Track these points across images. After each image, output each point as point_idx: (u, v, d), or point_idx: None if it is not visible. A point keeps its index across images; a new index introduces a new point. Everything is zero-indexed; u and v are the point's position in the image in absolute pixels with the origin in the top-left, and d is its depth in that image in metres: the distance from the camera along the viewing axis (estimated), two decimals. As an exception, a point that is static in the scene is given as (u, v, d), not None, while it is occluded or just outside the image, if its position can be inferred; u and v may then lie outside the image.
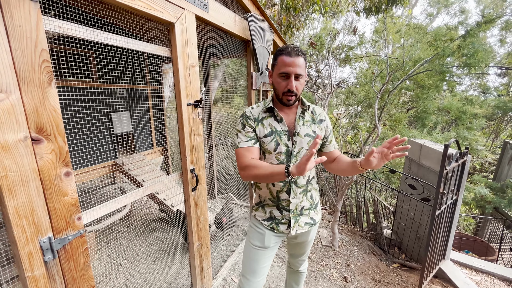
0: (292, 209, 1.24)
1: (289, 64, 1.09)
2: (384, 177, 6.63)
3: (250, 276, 1.30)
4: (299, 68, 1.10)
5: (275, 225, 1.27)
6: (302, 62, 1.11)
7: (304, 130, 1.20)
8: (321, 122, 1.25)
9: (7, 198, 0.75)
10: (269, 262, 1.33)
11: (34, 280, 0.83)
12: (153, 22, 1.36)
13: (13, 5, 0.74)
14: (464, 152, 2.25)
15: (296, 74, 1.10)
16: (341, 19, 7.92)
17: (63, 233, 0.91)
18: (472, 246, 3.98)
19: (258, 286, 1.31)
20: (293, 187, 1.22)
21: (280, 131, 1.18)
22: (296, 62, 1.09)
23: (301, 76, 1.12)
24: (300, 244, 1.40)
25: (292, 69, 1.09)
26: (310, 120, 1.24)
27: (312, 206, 1.30)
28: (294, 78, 1.11)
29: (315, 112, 1.26)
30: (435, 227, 2.14)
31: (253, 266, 1.30)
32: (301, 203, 1.25)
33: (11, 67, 0.74)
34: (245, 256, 1.34)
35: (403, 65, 5.09)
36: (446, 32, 6.05)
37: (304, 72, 1.13)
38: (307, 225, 1.29)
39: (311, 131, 1.21)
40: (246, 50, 2.38)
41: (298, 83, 1.13)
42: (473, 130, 5.76)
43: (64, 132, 0.89)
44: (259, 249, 1.29)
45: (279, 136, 1.18)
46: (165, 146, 4.17)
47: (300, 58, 1.10)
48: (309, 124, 1.22)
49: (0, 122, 0.72)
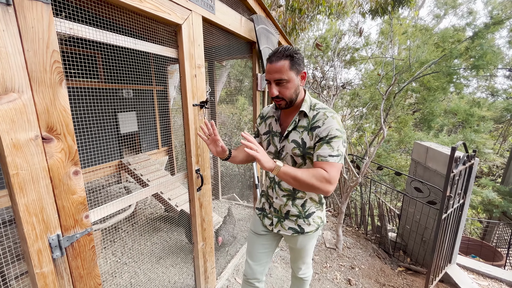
0: (276, 209, 1.29)
1: (268, 70, 1.10)
2: (390, 179, 6.57)
3: (248, 257, 1.45)
4: (278, 73, 1.07)
5: (262, 216, 1.38)
6: (282, 65, 1.06)
7: (292, 136, 1.16)
8: (314, 130, 1.11)
9: (18, 195, 0.76)
10: (264, 250, 1.41)
11: (43, 277, 0.85)
12: (161, 24, 1.38)
13: (26, 7, 0.75)
14: (471, 155, 2.22)
15: (275, 80, 1.08)
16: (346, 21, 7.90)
17: (71, 231, 0.93)
18: (479, 250, 3.91)
19: (256, 271, 1.42)
20: (276, 188, 1.26)
21: (275, 131, 1.24)
22: (274, 68, 1.07)
23: (283, 80, 1.07)
24: (292, 248, 1.41)
25: (270, 76, 1.09)
26: (305, 126, 1.14)
27: (302, 216, 1.25)
28: (275, 84, 1.10)
29: (314, 118, 1.13)
30: (441, 231, 2.12)
31: (249, 248, 1.45)
32: (286, 207, 1.25)
33: (24, 68, 0.76)
34: (247, 239, 1.51)
35: (410, 66, 5.05)
36: (453, 34, 5.98)
37: (287, 75, 1.07)
38: (291, 230, 1.27)
39: (299, 138, 1.14)
40: (252, 51, 2.39)
41: (282, 87, 1.09)
42: (481, 133, 5.67)
43: (74, 131, 0.91)
44: (253, 233, 1.43)
45: (272, 137, 1.25)
46: (170, 146, 4.20)
47: (280, 62, 1.06)
48: (301, 130, 1.15)
49: (12, 122, 0.74)
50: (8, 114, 0.73)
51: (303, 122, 1.15)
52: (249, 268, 1.44)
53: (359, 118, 6.86)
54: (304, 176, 1.02)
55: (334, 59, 4.04)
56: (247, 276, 1.46)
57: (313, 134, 1.11)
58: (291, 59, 1.07)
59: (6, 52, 0.72)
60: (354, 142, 7.19)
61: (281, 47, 1.09)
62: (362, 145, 6.96)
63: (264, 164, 1.00)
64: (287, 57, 1.06)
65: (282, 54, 1.07)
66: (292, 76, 1.08)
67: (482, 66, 5.25)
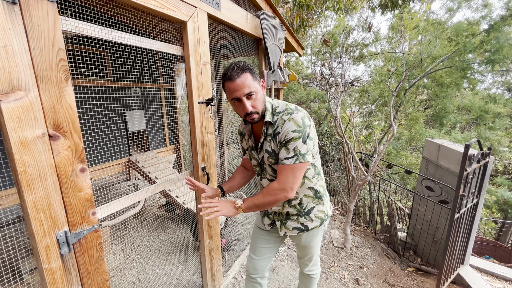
0: (277, 211, 1.30)
1: (234, 89, 1.05)
2: (399, 178, 6.44)
3: (251, 252, 1.47)
4: (246, 88, 1.04)
5: (262, 216, 1.41)
6: (246, 78, 1.04)
7: (265, 145, 1.18)
8: (275, 136, 1.11)
9: (26, 192, 0.78)
10: (267, 245, 1.42)
11: (51, 272, 0.86)
12: (166, 21, 1.37)
13: (32, 6, 0.76)
14: (486, 153, 2.14)
15: (245, 95, 1.05)
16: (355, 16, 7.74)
17: (78, 227, 0.94)
18: (494, 251, 3.79)
19: (258, 265, 1.44)
20: None
21: (251, 145, 1.28)
22: (239, 84, 1.03)
23: (253, 93, 1.06)
24: (298, 246, 1.42)
25: (239, 92, 1.05)
26: (271, 134, 1.14)
27: (302, 213, 1.26)
28: (246, 99, 1.06)
29: (275, 124, 1.13)
30: (453, 231, 2.05)
31: (253, 243, 1.47)
32: (284, 210, 1.28)
33: (30, 66, 0.76)
34: (251, 235, 1.54)
35: (421, 62, 4.90)
36: (467, 27, 5.77)
37: (254, 86, 1.06)
38: (296, 230, 1.28)
39: (269, 147, 1.15)
40: (258, 48, 2.36)
41: (253, 100, 1.07)
42: (496, 130, 5.47)
43: (80, 129, 0.92)
44: (257, 228, 1.47)
45: (250, 151, 1.30)
46: (177, 145, 4.23)
47: (243, 75, 1.04)
48: (269, 139, 1.15)
49: (20, 119, 0.75)
50: (15, 112, 0.74)
51: (269, 131, 1.15)
52: (251, 263, 1.45)
53: (368, 115, 6.74)
54: (261, 200, 1.11)
55: (342, 55, 3.97)
56: (249, 271, 1.47)
57: (276, 141, 1.12)
58: (250, 71, 1.07)
59: (13, 50, 0.72)
60: (363, 140, 7.07)
61: (232, 64, 1.06)
62: (371, 142, 6.84)
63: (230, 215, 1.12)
64: (246, 69, 1.06)
65: (240, 68, 1.05)
66: (257, 86, 1.09)
67: (498, 61, 5.04)
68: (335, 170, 6.49)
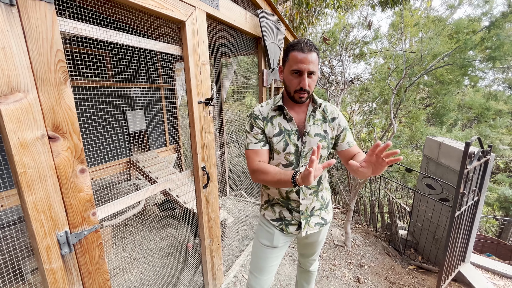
0: (303, 211, 1.21)
1: (302, 60, 1.03)
2: (400, 176, 6.43)
3: (258, 273, 1.30)
4: (312, 64, 1.04)
5: (285, 226, 1.25)
6: (315, 58, 1.05)
7: (314, 129, 1.16)
8: (333, 121, 1.19)
9: (26, 193, 0.78)
10: (277, 261, 1.32)
11: (52, 272, 0.87)
12: (165, 21, 1.37)
13: (30, 7, 0.76)
14: (487, 150, 2.13)
15: (309, 71, 1.05)
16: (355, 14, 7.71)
17: (79, 228, 0.94)
18: (495, 249, 3.79)
19: (265, 284, 1.31)
20: (303, 188, 1.19)
21: (290, 130, 1.15)
22: (309, 59, 1.03)
23: (314, 73, 1.07)
24: (310, 244, 1.37)
25: (305, 66, 1.03)
26: (321, 118, 1.18)
27: (323, 206, 1.27)
28: (307, 75, 1.06)
29: (326, 110, 1.20)
30: (454, 229, 2.05)
31: (261, 264, 1.30)
32: (312, 204, 1.22)
33: (28, 68, 0.77)
34: (253, 253, 1.34)
35: (421, 59, 4.88)
36: (468, 24, 5.74)
37: (317, 68, 1.08)
38: (318, 226, 1.26)
39: (322, 131, 1.17)
40: (257, 47, 2.36)
41: (311, 80, 1.08)
42: (497, 128, 5.45)
43: (79, 130, 0.92)
44: (267, 248, 1.28)
45: (288, 136, 1.14)
46: (178, 144, 4.23)
47: (313, 54, 1.04)
48: (319, 123, 1.17)
49: (19, 121, 0.75)
50: (14, 113, 0.74)
51: (318, 115, 1.19)
52: (257, 284, 1.31)
53: (368, 114, 6.72)
54: None
55: (342, 53, 3.95)
56: None
57: (333, 125, 1.19)
58: (317, 53, 1.08)
59: (11, 52, 0.73)
60: (364, 138, 7.06)
61: (304, 39, 1.07)
62: (371, 141, 6.83)
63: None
64: (316, 49, 1.07)
65: (312, 46, 1.05)
66: (318, 70, 1.11)
67: (498, 58, 5.01)
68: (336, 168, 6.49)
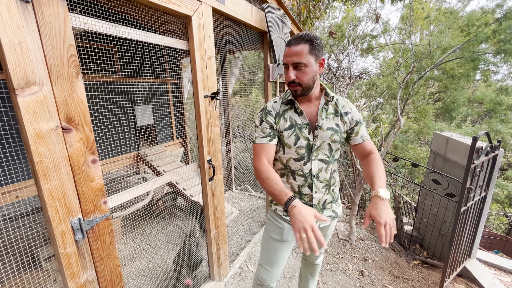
0: (315, 204, 1.21)
1: (286, 54, 1.07)
2: (407, 171, 6.37)
3: (269, 266, 1.33)
4: (296, 56, 1.04)
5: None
6: (301, 49, 1.03)
7: (326, 123, 1.15)
8: (345, 115, 1.18)
9: (42, 181, 0.83)
10: (287, 254, 1.35)
11: (67, 256, 0.92)
12: (171, 16, 1.39)
13: (44, 4, 0.79)
14: (496, 146, 2.10)
15: (293, 64, 1.06)
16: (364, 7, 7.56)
17: (91, 215, 0.99)
18: (503, 246, 3.74)
19: (276, 275, 1.36)
20: (315, 181, 1.18)
21: (301, 124, 1.15)
22: (293, 51, 1.04)
23: (301, 65, 1.05)
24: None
25: (288, 59, 1.06)
26: (333, 112, 1.17)
27: (334, 199, 1.28)
28: (293, 68, 1.07)
29: (339, 103, 1.19)
30: (460, 224, 2.04)
31: (272, 257, 1.32)
32: (324, 197, 1.22)
33: (43, 62, 0.80)
34: (263, 247, 1.36)
35: (430, 53, 4.78)
36: (480, 17, 5.56)
37: (306, 59, 1.05)
38: (329, 219, 1.27)
39: (334, 124, 1.16)
40: (263, 41, 2.36)
41: (299, 72, 1.07)
42: (509, 123, 5.32)
43: (91, 122, 0.96)
44: (278, 242, 1.29)
45: (299, 130, 1.14)
46: (184, 138, 4.29)
47: (300, 45, 1.04)
48: (332, 117, 1.16)
49: (35, 112, 0.79)
50: (30, 105, 0.78)
51: (331, 109, 1.18)
52: (268, 276, 1.34)
53: (375, 108, 6.64)
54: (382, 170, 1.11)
55: (349, 47, 3.90)
56: (264, 282, 1.35)
57: (345, 119, 1.18)
58: (311, 44, 1.05)
59: (27, 47, 0.76)
60: (370, 133, 6.99)
61: (302, 32, 1.07)
62: (378, 136, 6.76)
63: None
64: (307, 41, 1.05)
65: (302, 38, 1.05)
66: (311, 61, 1.06)
67: (509, 51, 4.86)
68: (341, 163, 6.46)
